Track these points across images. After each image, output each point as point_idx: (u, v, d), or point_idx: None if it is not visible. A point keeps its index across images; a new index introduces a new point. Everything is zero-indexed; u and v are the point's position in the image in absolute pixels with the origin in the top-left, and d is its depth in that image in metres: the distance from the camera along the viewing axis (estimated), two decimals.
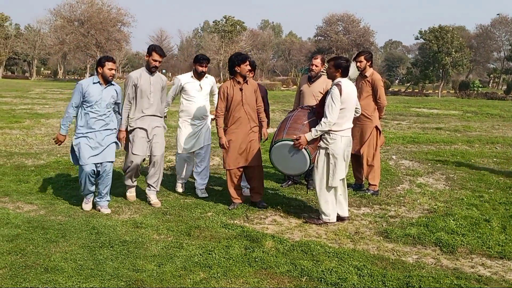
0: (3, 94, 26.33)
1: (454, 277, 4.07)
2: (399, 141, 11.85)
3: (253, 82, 6.06)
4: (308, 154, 5.27)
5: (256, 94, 5.99)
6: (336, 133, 5.26)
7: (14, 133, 11.99)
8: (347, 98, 5.22)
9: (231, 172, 5.95)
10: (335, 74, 5.34)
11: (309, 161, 5.29)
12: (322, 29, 66.06)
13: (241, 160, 5.92)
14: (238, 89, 5.87)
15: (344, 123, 5.30)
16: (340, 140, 5.28)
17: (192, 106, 6.49)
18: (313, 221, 5.40)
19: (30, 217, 5.36)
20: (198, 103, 6.49)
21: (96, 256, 4.33)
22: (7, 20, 67.31)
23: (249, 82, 5.98)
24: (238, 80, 5.89)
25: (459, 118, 18.63)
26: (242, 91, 5.86)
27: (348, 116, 5.32)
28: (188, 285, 3.83)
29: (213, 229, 5.12)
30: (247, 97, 5.87)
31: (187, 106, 6.52)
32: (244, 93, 5.86)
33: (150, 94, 5.91)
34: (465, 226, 5.33)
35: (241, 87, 5.87)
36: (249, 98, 5.90)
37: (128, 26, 62.39)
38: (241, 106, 5.85)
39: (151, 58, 5.86)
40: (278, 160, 5.46)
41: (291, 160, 5.36)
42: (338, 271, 4.10)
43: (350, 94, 5.27)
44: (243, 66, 5.82)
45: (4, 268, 4.04)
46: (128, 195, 6.27)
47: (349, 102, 5.27)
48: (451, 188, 7.23)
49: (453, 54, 48.93)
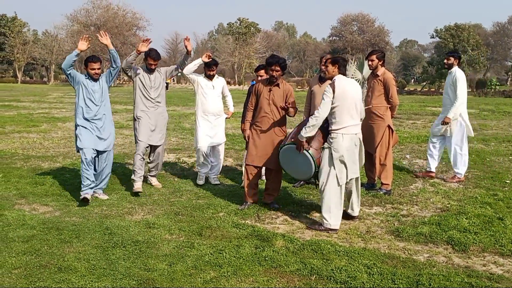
0: (21, 99, 26.78)
1: (465, 275, 4.04)
2: (413, 140, 11.77)
3: (287, 87, 6.07)
4: (311, 157, 5.31)
5: (287, 98, 5.98)
6: (337, 131, 5.20)
7: (31, 137, 12.20)
8: (342, 96, 5.12)
9: (247, 168, 6.08)
10: (332, 71, 5.32)
11: (313, 164, 5.33)
12: (337, 29, 65.90)
13: (258, 160, 5.98)
14: (268, 89, 6.00)
15: (343, 121, 5.18)
16: (341, 138, 5.18)
17: (207, 103, 7.15)
18: (314, 227, 5.29)
19: (45, 219, 5.46)
20: (212, 100, 7.16)
21: (109, 256, 4.39)
22: (25, 26, 68.52)
23: (282, 86, 6.01)
24: (269, 81, 6.03)
25: (475, 116, 18.40)
26: (271, 92, 5.98)
27: (346, 114, 5.18)
28: (198, 284, 3.87)
29: (224, 229, 5.16)
30: (274, 98, 5.95)
31: (203, 103, 7.16)
32: (272, 94, 5.97)
33: (151, 89, 6.72)
34: (478, 225, 5.29)
35: (270, 88, 6.00)
36: (277, 100, 5.95)
37: (144, 30, 62.98)
38: (268, 106, 5.98)
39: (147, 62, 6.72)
40: (286, 164, 5.64)
41: (297, 164, 5.47)
42: (347, 270, 4.10)
43: (346, 91, 5.16)
44: (270, 68, 5.91)
45: (20, 268, 4.12)
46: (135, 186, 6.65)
47: (345, 100, 5.14)
48: (465, 186, 7.17)
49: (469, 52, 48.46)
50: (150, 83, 6.70)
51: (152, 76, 6.74)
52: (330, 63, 5.35)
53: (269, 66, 5.93)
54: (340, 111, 5.18)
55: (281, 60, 5.98)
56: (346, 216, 5.54)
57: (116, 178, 7.46)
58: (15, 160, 8.91)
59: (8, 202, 6.10)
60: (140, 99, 6.72)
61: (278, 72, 5.92)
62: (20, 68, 66.21)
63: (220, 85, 7.30)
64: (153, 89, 6.73)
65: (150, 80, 6.71)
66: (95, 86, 6.24)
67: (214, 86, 7.19)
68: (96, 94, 6.21)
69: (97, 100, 6.21)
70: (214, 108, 7.18)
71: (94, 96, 6.20)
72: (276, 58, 5.98)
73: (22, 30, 67.03)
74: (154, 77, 6.76)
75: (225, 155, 9.60)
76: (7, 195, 6.41)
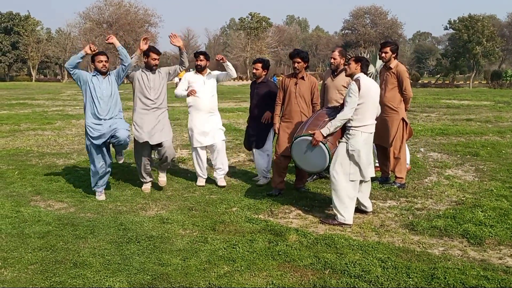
0: (36, 97, 27.06)
1: (481, 269, 4.00)
2: (427, 133, 11.67)
3: (313, 79, 6.36)
4: (327, 150, 5.23)
5: (312, 90, 6.28)
6: (357, 128, 5.19)
7: (46, 134, 12.32)
8: (367, 93, 5.16)
9: (276, 158, 6.34)
10: (355, 69, 5.30)
11: (328, 157, 5.25)
12: (349, 22, 65.57)
13: (287, 150, 6.03)
14: (294, 82, 6.25)
15: (365, 119, 5.20)
16: (360, 136, 5.19)
17: (198, 101, 6.74)
18: (328, 221, 5.27)
19: (61, 215, 5.51)
20: (203, 98, 6.74)
21: (123, 251, 4.43)
22: (39, 24, 69.16)
23: (307, 78, 6.29)
24: (295, 74, 6.29)
25: (490, 108, 18.20)
26: (297, 85, 6.23)
27: (369, 113, 5.23)
28: (212, 279, 3.88)
29: (237, 224, 5.17)
30: (300, 91, 6.21)
31: (193, 101, 6.77)
32: (298, 87, 6.22)
33: (150, 89, 6.30)
34: (493, 218, 5.23)
35: (296, 81, 6.24)
36: (303, 92, 6.22)
37: (155, 26, 63.31)
38: (294, 98, 6.22)
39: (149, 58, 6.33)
40: (299, 157, 5.49)
41: (311, 156, 5.36)
42: (361, 264, 4.09)
43: (370, 90, 5.21)
44: (293, 61, 6.25)
45: (36, 264, 4.17)
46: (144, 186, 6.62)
47: (369, 98, 5.19)
48: (481, 179, 7.10)
49: (484, 44, 47.87)
50: (149, 83, 6.28)
51: (151, 76, 6.32)
52: (354, 60, 5.35)
53: (291, 59, 6.27)
54: (363, 109, 5.18)
55: (303, 52, 6.30)
56: (360, 210, 5.51)
57: (130, 174, 7.51)
58: (30, 157, 9.01)
59: (24, 198, 6.17)
60: (139, 100, 6.29)
61: (300, 64, 6.19)
62: (34, 67, 66.88)
63: (213, 79, 6.82)
64: (153, 90, 6.29)
65: (149, 80, 6.29)
66: (103, 84, 6.00)
67: (205, 82, 6.74)
68: (105, 91, 5.97)
69: (105, 98, 5.96)
70: (206, 106, 6.73)
71: (103, 94, 5.96)
72: (297, 51, 6.32)
73: (36, 29, 67.69)
74: (154, 77, 6.34)
75: (237, 151, 9.62)
76: (23, 192, 6.49)
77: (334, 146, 5.34)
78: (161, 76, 6.42)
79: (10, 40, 64.38)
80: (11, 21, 64.91)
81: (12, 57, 64.80)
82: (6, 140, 11.17)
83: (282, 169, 6.36)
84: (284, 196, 6.24)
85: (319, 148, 5.27)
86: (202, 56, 6.78)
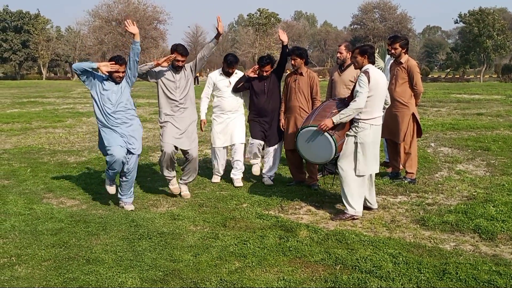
0: (47, 95, 27.23)
1: (493, 264, 3.99)
2: (438, 128, 11.59)
3: (311, 75, 6.49)
4: (334, 141, 5.14)
5: (311, 85, 6.39)
6: (366, 121, 5.17)
7: (57, 132, 12.41)
8: (376, 85, 5.13)
9: (287, 153, 6.58)
10: (362, 62, 5.27)
11: (334, 149, 5.16)
12: (358, 17, 65.27)
13: (293, 144, 6.02)
14: (294, 78, 6.44)
15: (374, 111, 5.18)
16: (369, 129, 5.17)
17: (223, 101, 6.79)
18: (339, 217, 5.26)
19: (73, 212, 5.57)
20: (228, 98, 6.77)
21: (135, 248, 4.46)
22: (48, 23, 69.48)
23: (306, 74, 6.41)
24: (294, 71, 6.47)
25: (501, 103, 18.02)
26: (296, 81, 6.39)
27: (377, 105, 5.21)
28: (223, 274, 3.90)
29: (248, 220, 5.19)
30: (300, 87, 6.36)
31: (219, 101, 6.85)
32: (297, 83, 6.38)
33: (176, 90, 5.95)
34: (505, 212, 5.20)
35: (295, 77, 6.42)
36: (302, 87, 6.36)
37: (164, 23, 63.36)
38: (294, 94, 6.39)
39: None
40: (304, 147, 5.40)
41: (316, 146, 5.27)
42: (372, 259, 4.09)
43: (379, 81, 5.18)
44: (290, 58, 6.39)
45: (49, 260, 4.22)
46: (171, 187, 6.20)
47: (378, 90, 5.16)
48: (492, 174, 7.05)
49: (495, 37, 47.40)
50: (175, 83, 5.93)
51: (177, 75, 5.95)
52: (359, 53, 5.28)
53: (288, 56, 6.44)
54: (372, 102, 5.15)
55: (299, 50, 6.46)
56: (366, 207, 5.49)
57: (141, 171, 7.54)
58: (42, 155, 9.09)
59: (37, 196, 6.24)
60: (165, 102, 5.97)
61: (296, 61, 6.32)
62: (44, 65, 67.25)
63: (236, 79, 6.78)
64: (179, 90, 5.94)
65: (175, 80, 5.93)
66: (114, 87, 5.56)
67: (231, 83, 6.74)
68: (114, 95, 5.53)
69: (114, 102, 5.51)
70: (230, 106, 6.73)
71: (112, 99, 5.52)
72: (293, 48, 6.52)
73: (46, 27, 68.00)
74: (180, 76, 5.97)
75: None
76: (35, 189, 6.55)
77: (341, 138, 5.26)
78: (187, 74, 6.04)
79: (20, 38, 64.77)
80: (21, 20, 65.28)
81: (22, 56, 65.18)
82: (18, 138, 11.28)
83: (296, 162, 6.57)
84: (294, 192, 6.25)
85: (325, 139, 5.18)
86: (236, 64, 6.80)
